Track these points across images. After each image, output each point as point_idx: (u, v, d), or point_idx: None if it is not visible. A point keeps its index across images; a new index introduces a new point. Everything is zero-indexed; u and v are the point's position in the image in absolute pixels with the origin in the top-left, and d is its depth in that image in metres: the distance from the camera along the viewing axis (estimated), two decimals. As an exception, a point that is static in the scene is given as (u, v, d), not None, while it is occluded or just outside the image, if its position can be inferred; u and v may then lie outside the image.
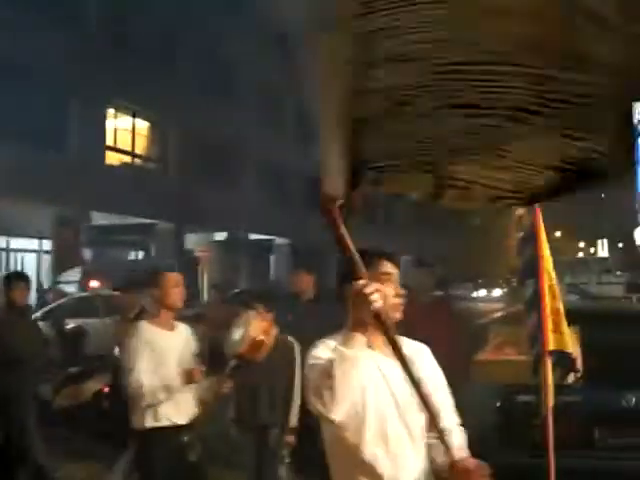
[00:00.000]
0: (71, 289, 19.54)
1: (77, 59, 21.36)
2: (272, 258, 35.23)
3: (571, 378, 4.50)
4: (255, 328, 5.15)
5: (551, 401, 4.26)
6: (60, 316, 15.03)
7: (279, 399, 6.09)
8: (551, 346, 4.23)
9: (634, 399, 5.63)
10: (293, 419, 6.10)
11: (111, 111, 24.83)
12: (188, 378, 4.99)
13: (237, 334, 5.22)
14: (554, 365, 4.29)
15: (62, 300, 17.00)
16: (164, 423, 4.98)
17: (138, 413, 5.00)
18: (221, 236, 30.38)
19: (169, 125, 26.65)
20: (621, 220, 59.12)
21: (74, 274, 20.30)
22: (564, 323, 4.27)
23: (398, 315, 2.75)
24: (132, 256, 27.16)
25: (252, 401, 6.07)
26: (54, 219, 21.99)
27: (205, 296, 22.66)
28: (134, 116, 26.01)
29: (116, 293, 8.98)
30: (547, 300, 4.23)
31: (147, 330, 5.05)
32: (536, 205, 3.96)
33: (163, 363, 4.99)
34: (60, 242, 22.21)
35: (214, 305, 15.94)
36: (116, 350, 6.09)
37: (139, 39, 23.90)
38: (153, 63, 24.51)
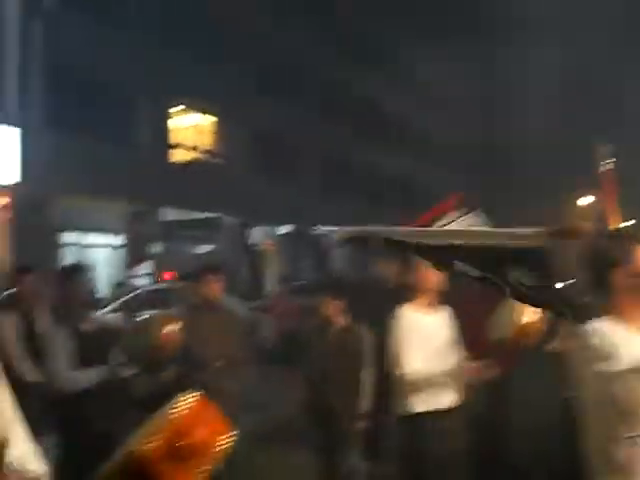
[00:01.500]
0: (143, 282, 20.06)
1: (145, 58, 21.98)
2: (335, 251, 35.33)
3: None
4: (524, 313, 5.08)
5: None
6: (133, 308, 15.46)
7: (350, 384, 6.19)
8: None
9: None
10: (364, 405, 6.23)
11: (179, 108, 25.38)
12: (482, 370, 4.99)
13: (503, 319, 5.18)
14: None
15: (135, 293, 17.40)
16: (429, 408, 5.01)
17: (404, 398, 5.07)
18: (285, 229, 30.68)
19: (235, 121, 27.03)
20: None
21: (145, 268, 20.91)
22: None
23: None
24: (200, 250, 27.63)
25: (323, 386, 6.28)
26: (125, 215, 22.69)
27: (270, 288, 23.03)
28: (202, 113, 26.57)
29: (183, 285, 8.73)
30: None
31: (410, 315, 5.13)
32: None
33: (428, 347, 5.03)
34: (131, 237, 22.95)
35: (280, 297, 16.43)
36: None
37: (205, 37, 24.34)
38: (219, 61, 24.94)
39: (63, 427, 5.66)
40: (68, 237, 20.99)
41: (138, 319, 6.15)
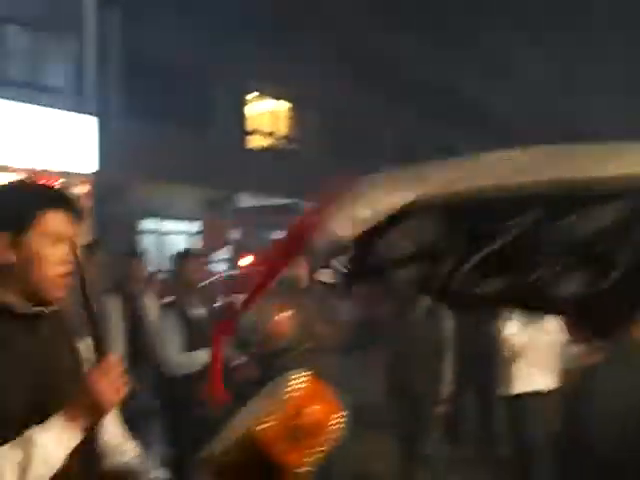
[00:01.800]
0: (221, 268, 20.19)
1: (222, 44, 22.01)
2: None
3: None
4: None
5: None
6: (213, 293, 15.56)
7: (431, 368, 6.22)
8: None
9: None
10: (445, 390, 6.26)
11: (255, 94, 25.42)
12: None
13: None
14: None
15: (213, 278, 17.50)
16: (528, 389, 5.14)
17: (510, 379, 5.20)
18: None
19: (309, 107, 27.00)
20: None
21: (223, 254, 21.01)
22: None
23: None
24: (277, 235, 27.74)
25: (405, 371, 6.25)
26: (202, 201, 22.84)
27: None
28: (276, 99, 26.55)
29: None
30: None
31: None
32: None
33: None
34: (209, 223, 23.09)
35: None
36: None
37: (278, 23, 24.29)
38: (294, 46, 24.86)
39: (170, 410, 5.83)
40: (147, 224, 21.23)
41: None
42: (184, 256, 6.25)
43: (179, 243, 22.63)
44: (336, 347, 6.41)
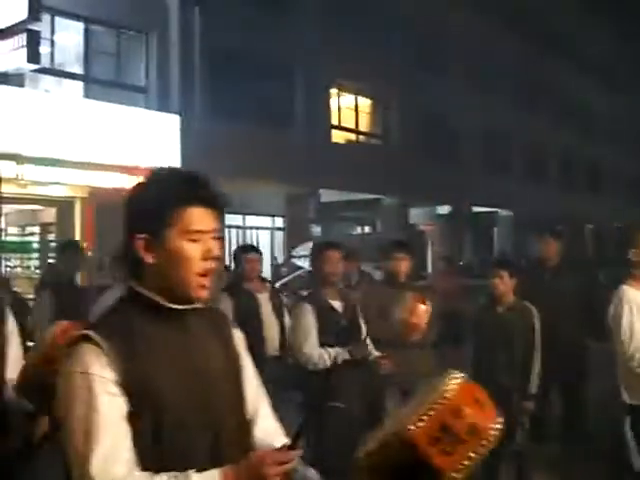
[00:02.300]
0: (303, 263, 20.24)
1: (303, 40, 22.08)
2: (495, 230, 34.87)
3: None
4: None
5: None
6: (295, 288, 15.62)
7: (518, 364, 6.06)
8: None
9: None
10: (533, 385, 6.06)
11: (337, 90, 25.41)
12: None
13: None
14: None
15: (296, 273, 17.56)
16: None
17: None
18: (444, 209, 30.39)
19: (391, 101, 26.89)
20: None
21: (305, 249, 21.04)
22: None
23: None
24: (359, 231, 27.79)
25: (490, 365, 6.14)
26: (285, 197, 22.97)
27: (431, 269, 22.81)
28: (358, 94, 26.48)
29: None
30: None
31: (633, 295, 4.96)
32: None
33: None
34: (292, 219, 23.21)
35: (442, 277, 16.14)
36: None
37: (359, 19, 24.23)
38: (376, 40, 24.77)
39: (309, 404, 5.70)
40: (231, 220, 21.43)
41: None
42: (322, 249, 5.98)
43: (263, 238, 22.87)
44: (426, 341, 6.37)
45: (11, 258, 17.40)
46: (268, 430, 2.48)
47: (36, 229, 18.22)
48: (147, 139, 17.47)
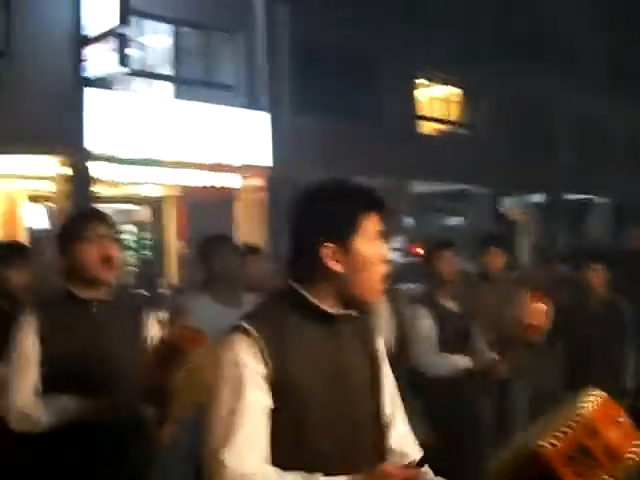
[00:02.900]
0: (393, 256, 20.16)
1: (388, 34, 21.97)
2: (590, 218, 34.02)
3: None
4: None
5: None
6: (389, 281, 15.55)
7: (612, 358, 5.95)
8: None
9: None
10: (629, 382, 5.98)
11: (424, 81, 25.24)
12: None
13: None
14: None
15: (387, 266, 17.45)
16: None
17: None
18: (538, 198, 29.83)
19: (481, 91, 26.53)
20: None
21: (395, 241, 20.96)
22: None
23: None
24: (450, 222, 27.52)
25: (584, 360, 6.01)
26: (377, 189, 22.87)
27: (526, 259, 22.48)
28: (447, 84, 26.25)
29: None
30: None
31: None
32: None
33: None
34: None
35: (537, 267, 15.89)
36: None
37: (448, 10, 24.01)
38: (463, 30, 24.49)
39: (428, 413, 5.48)
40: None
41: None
42: (438, 248, 5.85)
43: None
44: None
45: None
46: (402, 435, 2.53)
47: (131, 227, 18.59)
48: (237, 137, 17.68)
